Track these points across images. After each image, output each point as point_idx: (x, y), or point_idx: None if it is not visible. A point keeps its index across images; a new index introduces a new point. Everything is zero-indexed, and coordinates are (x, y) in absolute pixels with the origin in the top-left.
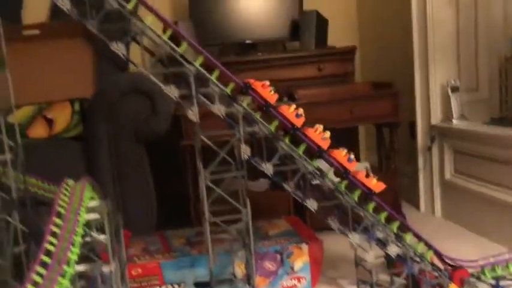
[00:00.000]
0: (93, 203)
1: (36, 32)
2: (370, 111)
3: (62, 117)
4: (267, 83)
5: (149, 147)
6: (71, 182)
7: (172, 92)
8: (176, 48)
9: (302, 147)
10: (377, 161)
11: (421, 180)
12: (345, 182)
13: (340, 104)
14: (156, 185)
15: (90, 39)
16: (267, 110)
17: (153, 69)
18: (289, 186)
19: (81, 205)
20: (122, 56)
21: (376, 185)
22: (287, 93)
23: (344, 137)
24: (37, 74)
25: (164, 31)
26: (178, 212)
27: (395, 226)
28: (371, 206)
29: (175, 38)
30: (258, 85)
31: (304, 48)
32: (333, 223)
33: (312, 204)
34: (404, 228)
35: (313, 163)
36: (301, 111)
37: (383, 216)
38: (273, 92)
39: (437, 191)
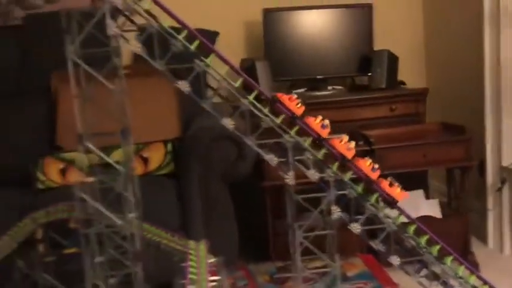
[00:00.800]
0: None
1: (125, 71)
2: (443, 156)
3: (156, 156)
4: (294, 96)
5: (231, 185)
6: (191, 243)
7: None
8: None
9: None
10: (446, 199)
11: (490, 218)
12: (426, 236)
13: (413, 149)
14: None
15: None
16: (293, 122)
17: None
18: (374, 243)
19: (205, 269)
20: (187, 92)
21: (399, 194)
22: (359, 134)
23: (413, 177)
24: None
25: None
26: (256, 245)
27: (472, 278)
28: (449, 260)
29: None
30: (285, 98)
31: (375, 85)
32: (415, 276)
33: (394, 261)
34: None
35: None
36: (326, 122)
37: (449, 260)
38: (300, 105)
39: (506, 230)
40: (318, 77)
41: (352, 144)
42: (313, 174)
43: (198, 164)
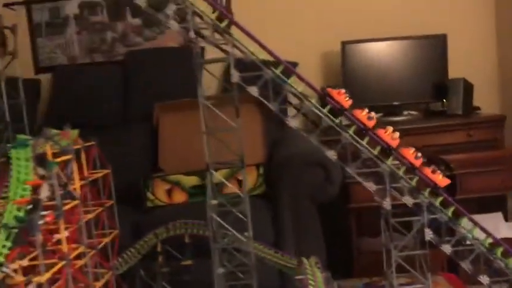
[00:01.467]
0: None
1: (210, 102)
2: None
3: (250, 178)
4: (343, 90)
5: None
6: (305, 261)
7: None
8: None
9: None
10: None
11: None
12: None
13: (492, 174)
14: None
15: (260, 105)
16: (342, 114)
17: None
18: (464, 264)
19: (322, 282)
20: (294, 127)
21: (441, 180)
22: (439, 159)
23: (492, 199)
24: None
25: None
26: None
27: None
28: None
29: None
30: (334, 92)
31: (451, 112)
32: None
33: (484, 280)
34: None
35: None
36: (372, 114)
37: None
38: (347, 98)
39: None
40: (394, 103)
41: (397, 134)
42: (407, 200)
43: (288, 187)
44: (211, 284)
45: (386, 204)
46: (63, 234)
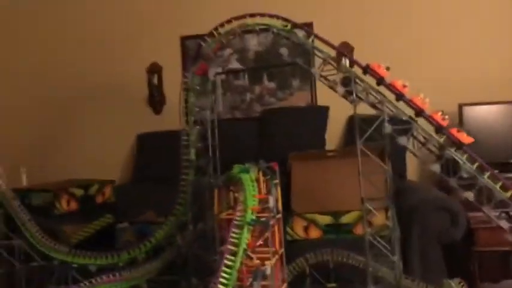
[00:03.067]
0: None
1: (335, 154)
2: None
3: (379, 220)
4: (383, 65)
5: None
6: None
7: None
8: None
9: None
10: None
11: None
12: None
13: None
14: None
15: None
16: (381, 84)
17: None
18: None
19: None
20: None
21: (466, 138)
22: None
23: None
24: (335, 185)
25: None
26: None
27: None
28: None
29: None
30: (375, 65)
31: None
32: None
33: None
34: None
35: None
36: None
37: None
38: (386, 70)
39: None
40: (510, 161)
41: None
42: None
43: (417, 229)
44: None
45: None
46: (277, 233)
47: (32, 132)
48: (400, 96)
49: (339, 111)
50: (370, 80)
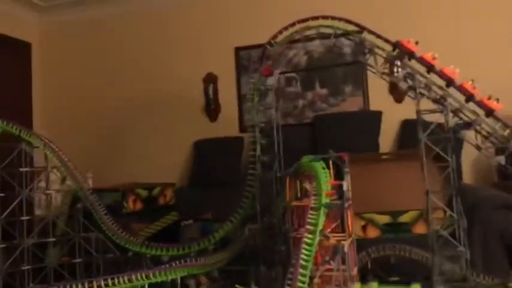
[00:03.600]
0: None
1: (389, 156)
2: None
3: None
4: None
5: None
6: None
7: None
8: None
9: None
10: None
11: None
12: None
13: None
14: None
15: (434, 161)
16: (413, 58)
17: None
18: None
19: None
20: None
21: (495, 105)
22: None
23: None
24: (392, 187)
25: None
26: None
27: None
28: None
29: None
30: (404, 41)
31: None
32: None
33: None
34: None
35: None
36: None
37: None
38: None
39: None
40: None
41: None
42: None
43: (478, 227)
44: None
45: None
46: (350, 218)
47: (98, 139)
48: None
49: (392, 116)
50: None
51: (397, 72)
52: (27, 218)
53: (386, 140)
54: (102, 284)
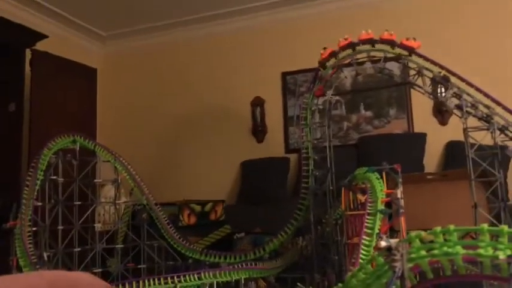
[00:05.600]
0: None
1: (434, 177)
2: None
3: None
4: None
5: None
6: None
7: None
8: None
9: None
10: None
11: None
12: None
13: None
14: None
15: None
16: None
17: None
18: None
19: None
20: None
21: (414, 43)
22: None
23: None
24: (435, 206)
25: None
26: None
27: None
28: None
29: None
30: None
31: None
32: None
33: None
34: None
35: None
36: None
37: None
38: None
39: None
40: None
41: None
42: None
43: None
44: None
45: None
46: (403, 223)
47: (151, 157)
48: None
49: (437, 138)
50: (481, 97)
51: (442, 92)
52: (98, 225)
53: (431, 161)
54: (176, 280)
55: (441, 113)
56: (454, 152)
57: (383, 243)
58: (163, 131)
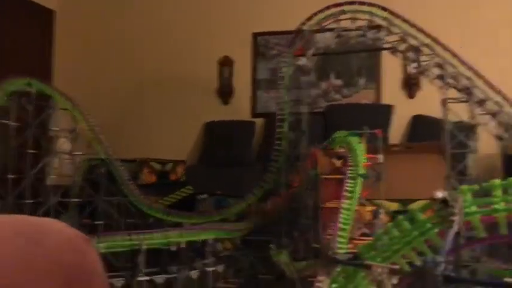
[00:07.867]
0: None
1: (399, 148)
2: None
3: None
4: None
5: None
6: None
7: None
8: None
9: None
10: None
11: None
12: None
13: None
14: None
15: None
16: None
17: None
18: None
19: None
20: None
21: None
22: None
23: None
24: (401, 177)
25: None
26: None
27: None
28: None
29: None
30: None
31: None
32: None
33: None
34: None
35: None
36: None
37: None
38: None
39: None
40: None
41: None
42: None
43: None
44: None
45: None
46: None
47: (111, 110)
48: None
49: (403, 111)
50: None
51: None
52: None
53: (396, 133)
54: (141, 237)
55: (409, 86)
56: (419, 125)
57: (439, 194)
58: (126, 83)
